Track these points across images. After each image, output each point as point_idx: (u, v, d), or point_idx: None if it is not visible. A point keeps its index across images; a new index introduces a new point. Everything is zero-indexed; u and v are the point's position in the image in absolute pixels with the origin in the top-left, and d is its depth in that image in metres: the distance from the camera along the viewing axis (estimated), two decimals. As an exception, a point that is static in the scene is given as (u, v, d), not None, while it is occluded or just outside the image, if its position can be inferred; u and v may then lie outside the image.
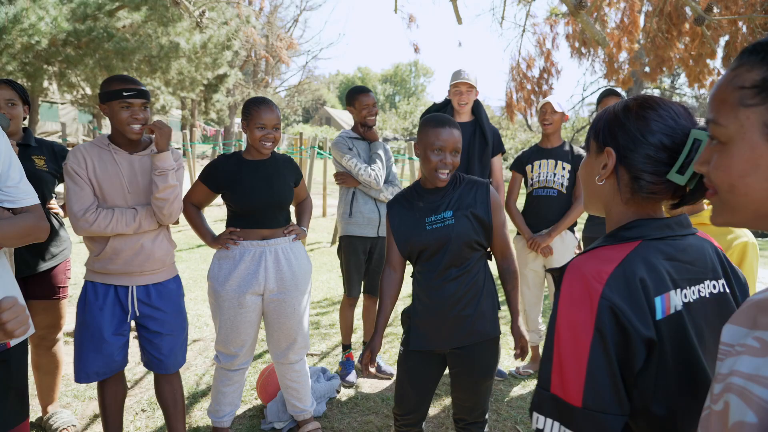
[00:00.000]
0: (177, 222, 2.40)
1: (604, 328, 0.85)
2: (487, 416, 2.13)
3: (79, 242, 6.24)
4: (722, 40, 6.81)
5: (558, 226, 3.37)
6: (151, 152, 2.25)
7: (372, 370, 2.10)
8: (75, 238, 6.27)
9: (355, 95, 3.31)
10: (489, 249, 2.09)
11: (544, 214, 3.43)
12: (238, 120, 26.47)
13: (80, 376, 2.22)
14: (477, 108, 3.35)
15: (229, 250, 2.49)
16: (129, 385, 3.23)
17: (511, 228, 2.57)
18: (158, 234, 2.30)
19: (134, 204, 2.22)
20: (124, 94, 2.11)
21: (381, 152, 3.32)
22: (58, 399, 2.86)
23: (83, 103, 14.54)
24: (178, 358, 2.38)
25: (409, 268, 2.17)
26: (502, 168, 3.49)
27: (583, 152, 3.49)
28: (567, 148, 3.46)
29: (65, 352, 3.01)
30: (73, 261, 3.66)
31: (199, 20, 10.45)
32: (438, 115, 1.99)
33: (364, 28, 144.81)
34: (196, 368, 3.54)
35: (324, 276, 6.20)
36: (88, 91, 12.14)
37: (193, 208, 2.59)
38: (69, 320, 3.25)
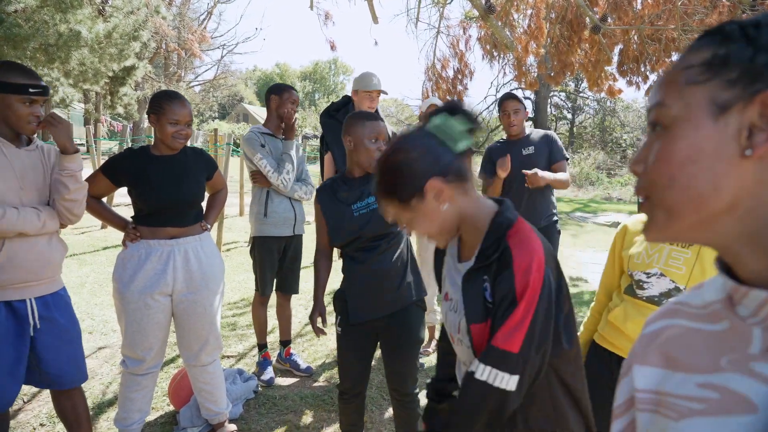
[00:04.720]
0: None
1: (546, 289, 1.07)
2: (417, 390, 2.33)
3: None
4: (617, 48, 7.36)
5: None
6: (39, 149, 2.12)
7: (323, 329, 2.27)
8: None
9: (283, 87, 3.33)
10: None
11: None
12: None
13: None
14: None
15: (133, 249, 2.38)
16: (25, 398, 3.01)
17: None
18: (52, 236, 2.15)
19: (28, 203, 2.05)
20: (31, 90, 1.96)
21: (292, 153, 3.29)
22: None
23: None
24: (81, 369, 2.25)
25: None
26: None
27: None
28: None
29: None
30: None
31: (101, 7, 9.82)
32: (364, 111, 2.19)
33: (283, 24, 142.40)
34: (103, 377, 3.35)
35: (241, 276, 6.06)
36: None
37: (93, 200, 2.44)
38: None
